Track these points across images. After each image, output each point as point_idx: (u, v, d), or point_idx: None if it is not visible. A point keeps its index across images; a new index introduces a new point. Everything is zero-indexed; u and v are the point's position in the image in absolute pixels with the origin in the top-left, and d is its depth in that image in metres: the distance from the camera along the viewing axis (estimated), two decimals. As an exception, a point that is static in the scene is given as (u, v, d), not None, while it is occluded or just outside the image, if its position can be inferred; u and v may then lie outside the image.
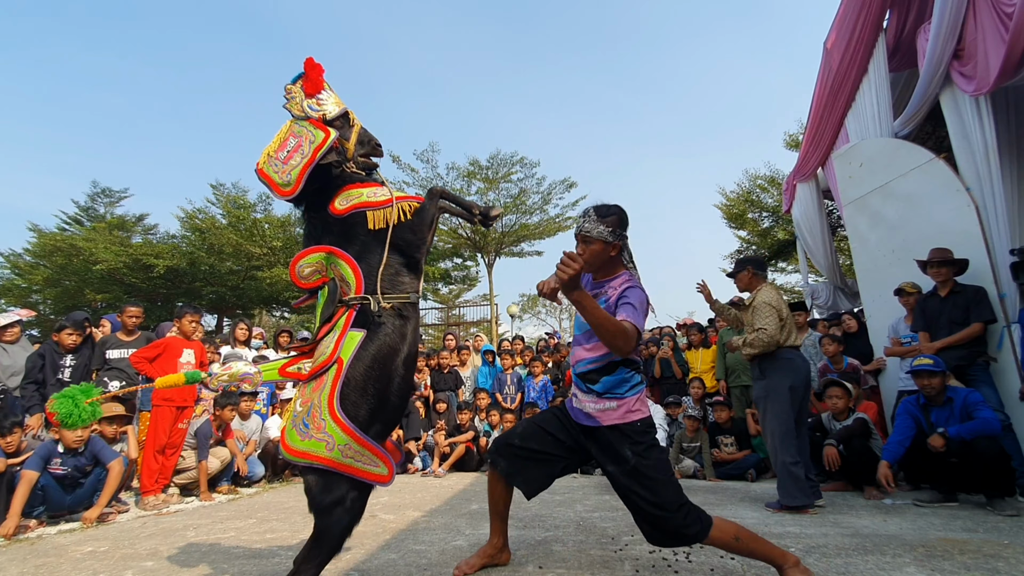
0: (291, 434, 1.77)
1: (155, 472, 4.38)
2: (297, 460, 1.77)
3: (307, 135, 2.01)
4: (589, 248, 2.20)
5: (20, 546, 3.14)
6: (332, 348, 1.84)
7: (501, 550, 2.47)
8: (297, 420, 1.77)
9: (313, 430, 1.76)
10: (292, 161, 1.95)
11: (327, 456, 1.75)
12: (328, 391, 1.79)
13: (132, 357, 4.56)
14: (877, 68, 5.83)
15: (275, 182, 1.96)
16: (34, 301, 16.39)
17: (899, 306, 4.96)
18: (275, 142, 2.04)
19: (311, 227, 2.07)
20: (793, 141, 15.39)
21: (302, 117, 2.09)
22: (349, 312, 1.92)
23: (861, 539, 2.86)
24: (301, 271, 1.98)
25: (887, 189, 5.39)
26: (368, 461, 1.83)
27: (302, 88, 2.11)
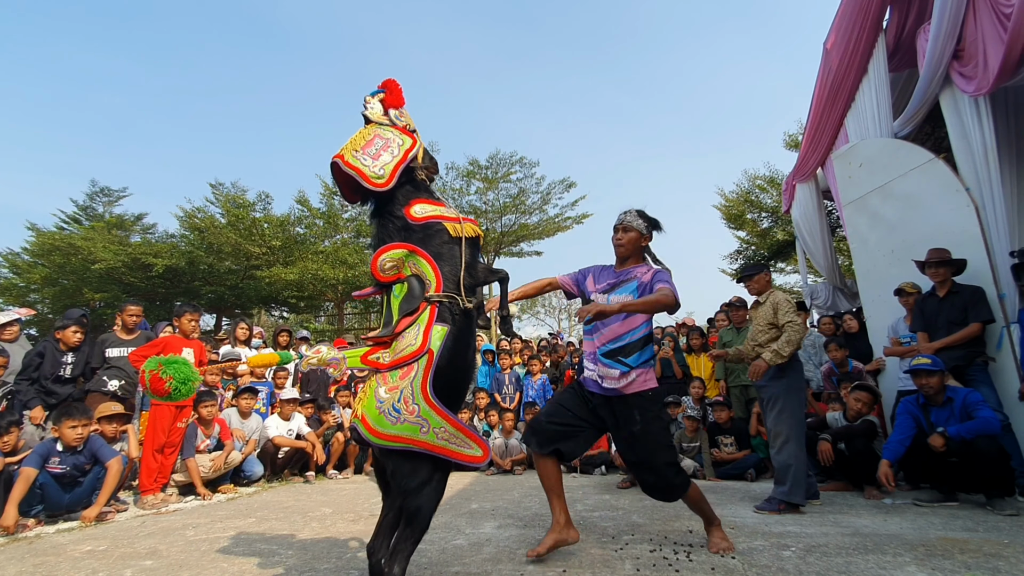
0: (379, 420, 1.84)
1: (154, 471, 4.37)
2: (389, 444, 1.84)
3: (395, 138, 2.22)
4: (628, 235, 2.73)
5: (18, 545, 3.13)
6: (422, 340, 1.96)
7: (566, 527, 2.62)
8: (385, 407, 1.85)
9: (406, 415, 1.86)
10: (382, 158, 2.13)
11: (421, 439, 1.86)
12: (421, 379, 1.91)
13: (131, 355, 4.54)
14: (877, 68, 5.84)
15: (366, 174, 2.09)
16: (32, 300, 16.36)
17: (898, 306, 4.96)
18: (357, 141, 2.19)
19: (384, 227, 2.20)
20: (792, 141, 15.41)
21: (386, 124, 2.29)
22: (432, 308, 2.05)
23: (862, 538, 2.86)
24: (383, 265, 2.07)
25: (886, 189, 5.39)
26: (462, 443, 1.95)
27: (381, 101, 2.34)
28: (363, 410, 1.88)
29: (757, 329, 3.90)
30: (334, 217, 16.47)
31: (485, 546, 2.86)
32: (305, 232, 16.19)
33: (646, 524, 3.30)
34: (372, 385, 1.95)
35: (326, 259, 14.64)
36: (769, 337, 3.79)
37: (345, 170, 2.12)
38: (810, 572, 2.33)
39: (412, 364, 1.94)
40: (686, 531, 3.09)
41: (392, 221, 2.18)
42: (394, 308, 2.05)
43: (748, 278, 4.10)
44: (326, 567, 2.57)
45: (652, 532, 3.09)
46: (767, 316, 3.83)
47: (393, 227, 2.17)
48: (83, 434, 3.78)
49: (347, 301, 17.41)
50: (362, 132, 2.24)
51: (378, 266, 2.07)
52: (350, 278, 14.60)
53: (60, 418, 3.79)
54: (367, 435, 1.86)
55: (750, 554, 2.61)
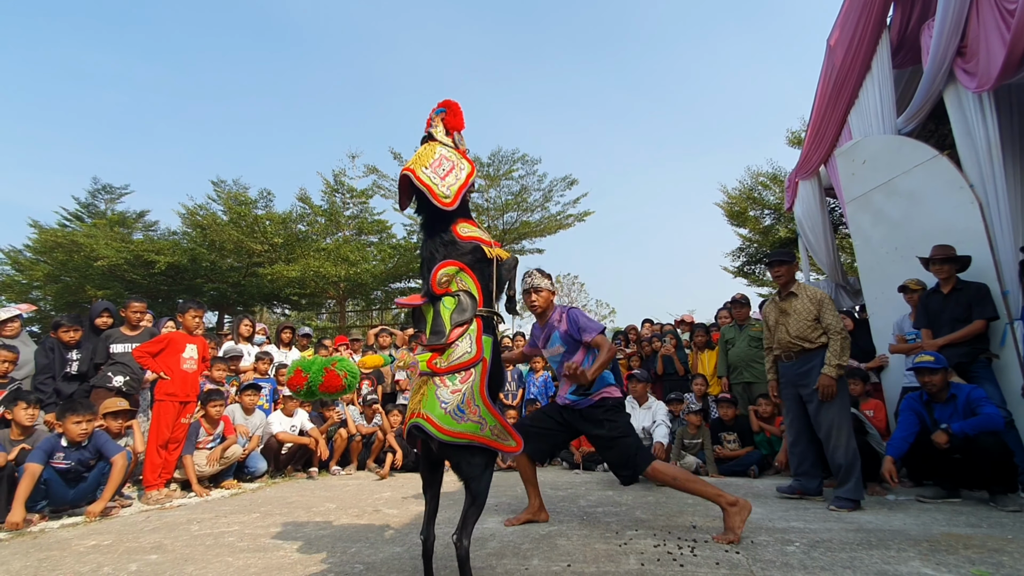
0: (445, 420, 2.05)
1: (158, 467, 4.38)
2: (456, 440, 2.06)
3: (457, 162, 2.44)
4: (540, 296, 3.22)
5: (23, 540, 3.14)
6: (476, 349, 2.22)
7: (539, 510, 3.31)
8: (450, 407, 2.08)
9: (468, 415, 2.10)
10: (448, 180, 2.36)
11: (481, 435, 2.11)
12: (479, 383, 2.17)
13: (135, 351, 4.56)
14: (880, 65, 5.82)
15: (436, 192, 2.31)
16: (35, 297, 16.39)
17: (902, 304, 4.96)
18: (425, 157, 2.38)
19: (434, 241, 2.38)
20: (795, 138, 15.36)
21: (450, 145, 2.51)
22: (478, 321, 2.29)
23: (866, 534, 2.86)
24: (440, 279, 2.27)
25: (890, 186, 5.38)
26: (505, 437, 2.21)
27: (443, 120, 2.53)
28: (427, 411, 2.07)
29: (804, 325, 3.80)
30: (335, 214, 16.47)
31: (489, 541, 2.87)
32: (307, 229, 16.19)
33: (649, 520, 3.30)
34: (431, 388, 2.14)
35: (328, 256, 14.63)
36: (819, 334, 3.76)
37: (417, 185, 2.31)
38: (815, 567, 2.33)
39: (470, 370, 2.18)
40: (689, 527, 3.10)
41: (441, 236, 2.37)
42: (445, 318, 2.23)
43: (780, 264, 4.01)
44: (331, 561, 2.57)
45: (656, 527, 3.09)
46: (810, 311, 3.78)
47: (440, 242, 2.36)
48: (87, 429, 3.79)
49: (348, 298, 17.42)
50: (427, 149, 2.42)
51: (437, 281, 2.26)
52: (351, 275, 14.59)
53: (64, 413, 3.79)
54: (435, 432, 2.03)
55: (754, 549, 2.61)
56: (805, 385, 3.79)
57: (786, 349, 3.91)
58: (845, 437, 3.62)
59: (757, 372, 5.77)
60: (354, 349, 7.69)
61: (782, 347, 3.93)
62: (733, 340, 6.04)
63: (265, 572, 2.43)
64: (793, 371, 3.90)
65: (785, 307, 3.95)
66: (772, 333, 4.09)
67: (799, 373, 3.84)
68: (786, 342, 3.89)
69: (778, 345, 3.98)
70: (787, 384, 3.97)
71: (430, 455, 2.25)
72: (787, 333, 3.89)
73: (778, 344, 3.98)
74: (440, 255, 2.32)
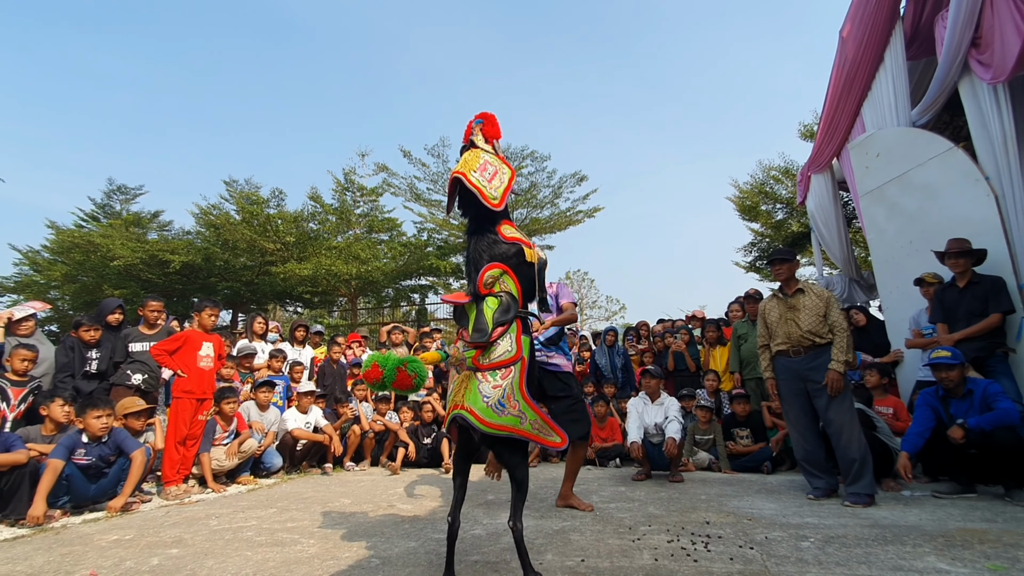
0: (487, 412, 2.17)
1: (176, 463, 4.46)
2: (496, 432, 2.17)
3: (500, 167, 2.59)
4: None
5: (45, 535, 3.20)
6: (517, 348, 2.34)
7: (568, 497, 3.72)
8: (491, 401, 2.19)
9: (509, 409, 2.21)
10: (494, 182, 2.51)
11: (521, 428, 2.23)
12: (518, 380, 2.29)
13: (153, 349, 4.63)
14: (894, 56, 5.75)
15: (486, 194, 2.44)
16: (52, 297, 16.63)
17: (917, 298, 4.91)
18: (472, 162, 2.52)
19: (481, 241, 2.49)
20: (808, 131, 15.19)
21: (491, 152, 2.65)
22: (518, 321, 2.41)
23: (881, 530, 2.85)
24: (487, 280, 2.39)
25: (904, 179, 5.33)
26: (547, 432, 2.32)
27: (482, 130, 2.69)
28: (470, 404, 2.19)
29: (815, 320, 3.83)
30: (346, 213, 16.55)
31: (503, 535, 2.90)
32: (318, 228, 16.28)
33: (663, 515, 3.31)
34: (473, 383, 2.25)
35: (339, 255, 14.71)
36: (827, 329, 3.81)
37: (468, 187, 2.44)
38: (829, 562, 2.33)
39: (510, 368, 2.30)
40: (703, 522, 3.10)
41: (488, 236, 2.50)
42: (488, 317, 2.34)
43: (782, 262, 4.04)
44: (347, 556, 2.61)
45: (669, 523, 3.10)
46: (818, 308, 3.84)
47: (487, 242, 2.49)
48: (107, 424, 3.86)
49: (360, 296, 17.52)
50: (473, 155, 2.57)
51: (483, 282, 2.39)
52: (362, 273, 14.66)
53: (84, 409, 3.86)
54: (478, 424, 2.15)
55: (768, 545, 2.61)
56: (814, 380, 3.78)
57: (796, 344, 3.90)
58: (857, 432, 3.63)
59: (770, 368, 5.74)
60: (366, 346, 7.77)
61: (792, 342, 3.92)
62: (746, 336, 6.01)
63: (283, 566, 2.47)
64: (803, 366, 3.87)
65: (794, 303, 3.96)
66: (774, 329, 4.07)
67: (810, 368, 3.83)
68: (797, 337, 3.89)
69: (787, 340, 3.96)
70: (793, 379, 3.93)
71: (465, 447, 2.36)
72: (798, 328, 3.89)
73: (787, 339, 3.95)
74: (486, 256, 2.44)
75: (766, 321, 4.16)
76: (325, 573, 2.36)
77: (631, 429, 4.72)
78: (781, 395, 4.06)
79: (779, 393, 4.08)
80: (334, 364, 6.79)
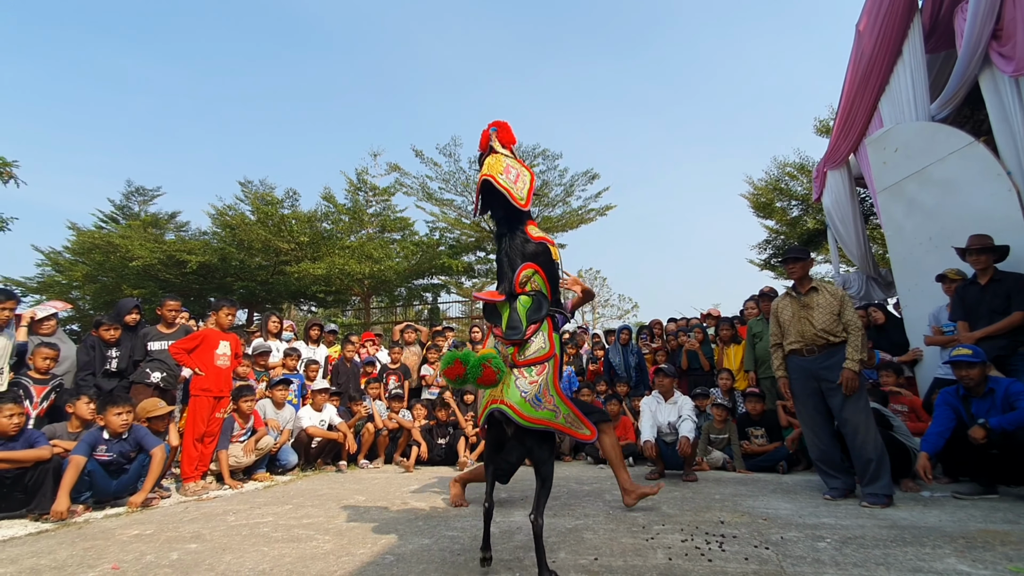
0: (525, 406, 2.28)
1: (194, 459, 4.53)
2: (533, 426, 2.28)
3: (520, 170, 2.71)
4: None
5: (68, 530, 3.27)
6: (550, 345, 2.44)
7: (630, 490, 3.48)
8: (528, 396, 2.30)
9: (545, 403, 2.33)
10: (519, 184, 2.64)
11: (555, 422, 2.34)
12: (552, 376, 2.40)
13: (172, 348, 4.71)
14: (912, 49, 5.65)
15: (514, 195, 2.57)
16: (74, 297, 16.94)
17: (936, 295, 4.83)
18: (497, 166, 2.64)
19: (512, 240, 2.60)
20: (823, 127, 14.99)
21: (511, 156, 2.76)
22: (549, 319, 2.50)
23: (899, 531, 2.81)
24: (522, 280, 2.50)
25: (924, 174, 5.24)
26: (578, 425, 2.44)
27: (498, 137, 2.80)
28: (508, 399, 2.29)
29: (829, 319, 3.79)
30: (359, 213, 16.64)
31: (516, 534, 2.91)
32: (331, 228, 16.38)
33: (676, 515, 3.30)
34: (511, 378, 2.35)
35: (352, 254, 14.79)
36: (841, 328, 3.77)
37: (498, 189, 2.56)
38: (847, 563, 2.30)
39: (545, 364, 2.40)
40: (717, 522, 3.08)
41: (517, 236, 2.61)
42: (521, 315, 2.45)
43: (795, 261, 4.00)
44: (362, 552, 2.64)
45: (683, 522, 3.08)
46: (832, 307, 3.80)
47: (519, 241, 2.60)
48: (127, 421, 3.94)
49: (372, 295, 17.61)
50: (496, 160, 2.68)
51: (519, 281, 2.49)
52: (375, 272, 14.73)
53: (104, 406, 3.95)
54: (516, 418, 2.26)
55: (784, 545, 2.59)
56: (828, 380, 3.73)
57: (810, 343, 3.85)
58: (872, 431, 3.59)
59: (785, 366, 5.68)
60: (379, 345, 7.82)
61: (806, 341, 3.87)
62: (761, 334, 5.95)
63: (299, 562, 2.50)
64: (816, 365, 3.82)
65: (808, 302, 3.91)
66: (787, 328, 4.03)
67: (824, 367, 3.77)
68: (811, 335, 3.84)
69: (800, 339, 3.91)
70: (806, 379, 3.88)
71: (497, 437, 2.46)
72: (812, 326, 3.84)
73: (800, 338, 3.91)
74: (518, 255, 2.55)
75: (779, 320, 4.12)
76: (340, 569, 2.39)
77: (644, 428, 4.70)
78: (794, 394, 4.01)
79: (792, 392, 4.03)
80: (348, 363, 6.85)
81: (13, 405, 3.60)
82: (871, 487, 3.49)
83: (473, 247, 17.69)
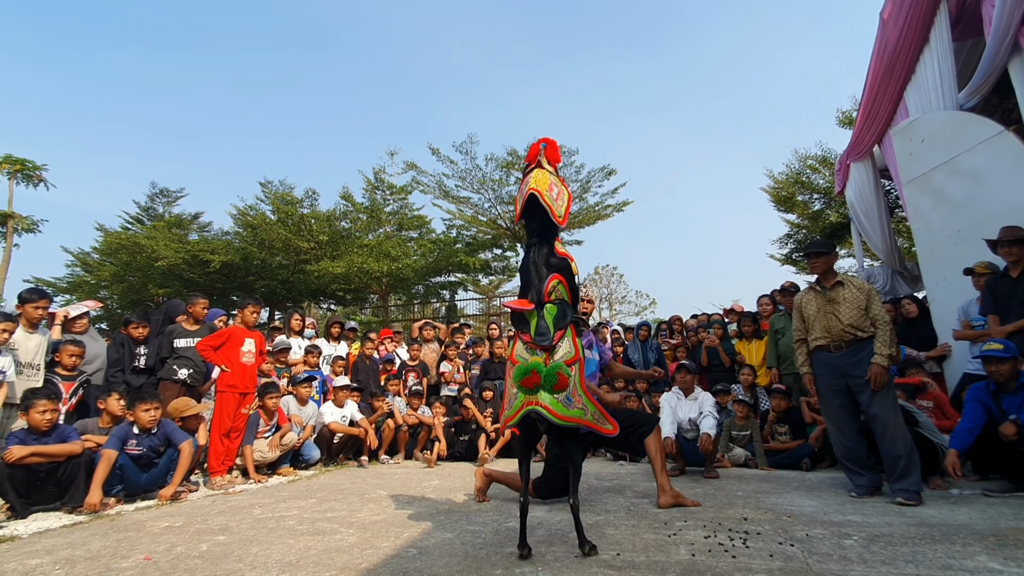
0: (558, 406, 2.44)
1: (221, 454, 4.63)
2: (567, 424, 2.46)
3: (561, 189, 2.87)
4: None
5: (101, 522, 3.37)
6: (575, 349, 2.61)
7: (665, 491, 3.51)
8: (561, 397, 2.46)
9: (575, 402, 2.50)
10: (559, 201, 2.80)
11: (586, 419, 2.52)
12: (579, 377, 2.57)
13: (199, 345, 4.82)
14: (939, 37, 5.51)
15: (555, 211, 2.73)
16: (103, 296, 17.38)
17: (965, 289, 4.71)
18: (542, 182, 2.77)
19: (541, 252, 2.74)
20: (846, 118, 14.69)
21: (554, 174, 2.90)
22: (572, 325, 2.66)
23: (928, 528, 2.76)
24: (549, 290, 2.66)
25: (952, 165, 5.11)
26: (603, 420, 2.64)
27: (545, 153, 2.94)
28: (543, 400, 2.42)
29: (856, 313, 3.71)
30: (376, 211, 16.76)
31: (537, 529, 2.92)
32: (350, 227, 16.53)
33: (698, 511, 3.28)
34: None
35: (370, 252, 14.91)
36: (869, 323, 3.70)
37: (542, 203, 2.71)
38: (875, 561, 2.27)
39: (572, 367, 2.55)
40: (740, 518, 3.06)
41: (545, 249, 2.77)
42: (549, 322, 2.59)
43: (818, 255, 3.92)
44: (385, 546, 2.67)
45: (705, 519, 3.07)
46: (859, 301, 3.72)
47: (546, 253, 2.75)
48: (155, 416, 4.05)
49: (391, 293, 17.75)
50: (543, 176, 2.82)
51: (548, 291, 2.65)
52: (393, 270, 14.84)
53: (133, 403, 4.07)
54: (551, 417, 2.41)
55: (809, 542, 2.56)
56: (856, 376, 3.65)
57: (837, 338, 3.77)
58: (902, 428, 3.52)
59: (808, 362, 5.59)
60: (396, 342, 7.89)
61: (832, 336, 3.80)
62: (783, 330, 5.87)
63: (325, 554, 2.55)
64: (843, 361, 3.73)
65: (834, 296, 3.82)
66: (811, 323, 3.94)
67: (851, 363, 3.69)
68: (839, 331, 3.77)
69: (827, 335, 3.83)
70: (833, 375, 3.80)
71: (530, 437, 2.66)
72: (839, 321, 3.76)
73: (827, 333, 3.82)
74: (545, 266, 2.70)
75: (802, 315, 4.04)
76: (365, 562, 2.42)
77: (664, 424, 4.67)
78: (820, 391, 3.92)
79: (818, 389, 3.95)
80: (367, 360, 6.92)
81: (46, 401, 3.71)
82: (900, 483, 3.43)
83: (489, 244, 17.73)
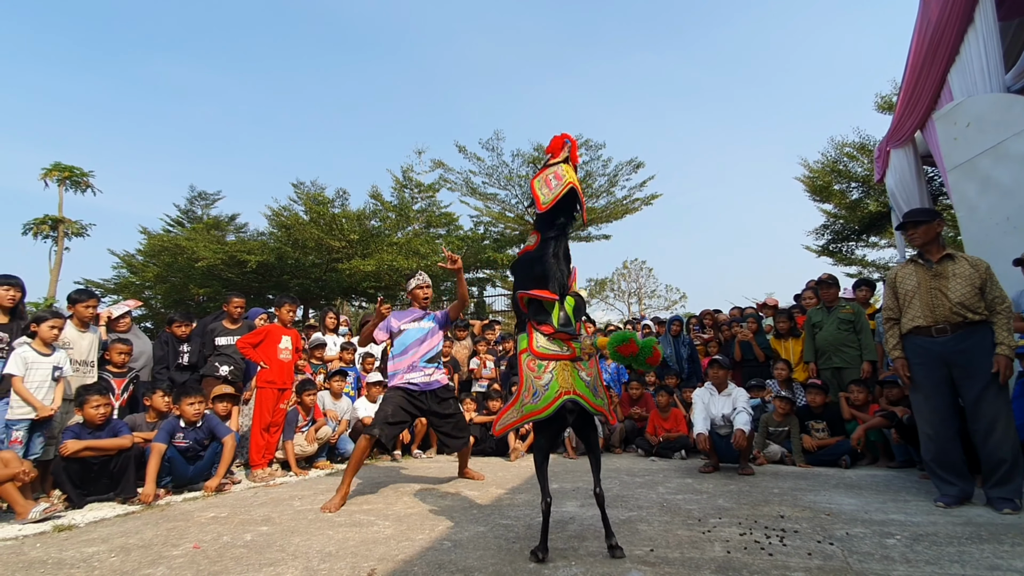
0: (590, 395, 2.54)
1: (261, 448, 4.79)
2: (597, 412, 2.56)
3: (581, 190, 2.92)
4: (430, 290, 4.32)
5: (152, 512, 3.54)
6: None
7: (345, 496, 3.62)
8: (590, 386, 2.57)
9: (600, 391, 2.63)
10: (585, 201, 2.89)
11: (607, 408, 2.64)
12: (599, 370, 2.70)
13: (238, 343, 4.98)
14: (984, 16, 5.25)
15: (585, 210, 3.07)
16: (147, 296, 18.10)
17: (1016, 279, 4.49)
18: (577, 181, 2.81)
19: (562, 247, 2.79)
20: (886, 103, 14.18)
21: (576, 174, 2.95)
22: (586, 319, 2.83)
23: (975, 528, 2.67)
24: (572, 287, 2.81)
25: (999, 150, 4.89)
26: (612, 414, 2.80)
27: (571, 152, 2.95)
28: (579, 389, 2.52)
29: (969, 292, 3.19)
30: (405, 209, 16.99)
31: (569, 524, 2.93)
32: (379, 225, 16.81)
33: (733, 508, 3.24)
34: (575, 371, 2.57)
35: (400, 250, 15.14)
36: (983, 305, 3.18)
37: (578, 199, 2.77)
38: (918, 560, 2.21)
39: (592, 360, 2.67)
40: (777, 516, 3.01)
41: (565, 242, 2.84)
42: (569, 313, 2.68)
43: (917, 224, 3.39)
44: (420, 538, 2.73)
45: (740, 516, 3.03)
46: (972, 278, 3.20)
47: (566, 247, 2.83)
48: (200, 410, 4.22)
49: (421, 290, 17.93)
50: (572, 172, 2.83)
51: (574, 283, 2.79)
52: (423, 267, 15.05)
53: (179, 397, 4.26)
54: (587, 407, 2.51)
55: (850, 541, 2.51)
56: (963, 365, 3.17)
57: (942, 320, 3.25)
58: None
59: (848, 357, 5.43)
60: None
61: (936, 317, 3.26)
62: (821, 323, 5.70)
63: (363, 545, 2.62)
64: (948, 347, 3.22)
65: (941, 270, 3.30)
66: (908, 301, 3.41)
67: (957, 350, 3.19)
68: (945, 310, 3.23)
69: (929, 315, 3.29)
70: (933, 363, 3.29)
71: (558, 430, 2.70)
72: (946, 299, 3.23)
73: (929, 313, 3.29)
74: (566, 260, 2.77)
75: (896, 292, 3.51)
76: (402, 553, 2.48)
77: (697, 420, 4.62)
78: (914, 380, 3.42)
79: (912, 379, 3.43)
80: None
81: (99, 396, 3.89)
82: (999, 490, 3.06)
83: (517, 240, 17.75)
